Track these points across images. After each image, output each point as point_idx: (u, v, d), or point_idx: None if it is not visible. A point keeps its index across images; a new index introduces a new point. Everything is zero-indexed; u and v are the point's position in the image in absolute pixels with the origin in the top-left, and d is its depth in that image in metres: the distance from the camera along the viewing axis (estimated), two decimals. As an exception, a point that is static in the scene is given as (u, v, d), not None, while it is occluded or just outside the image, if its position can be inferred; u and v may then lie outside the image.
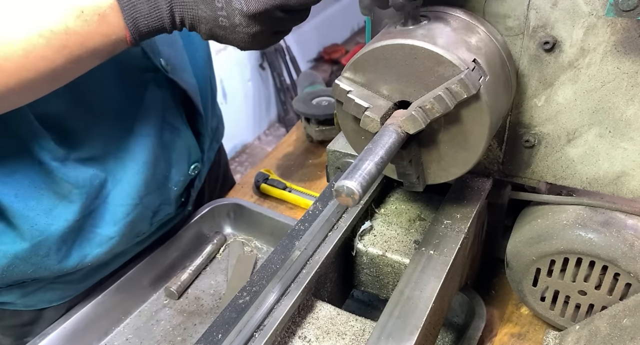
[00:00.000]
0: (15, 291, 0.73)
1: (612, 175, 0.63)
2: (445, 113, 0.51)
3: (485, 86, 0.52)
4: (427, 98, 0.51)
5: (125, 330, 0.80)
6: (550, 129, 0.63)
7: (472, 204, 0.66)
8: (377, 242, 0.68)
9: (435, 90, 0.51)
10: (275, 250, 0.62)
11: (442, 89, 0.50)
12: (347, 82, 0.56)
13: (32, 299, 0.75)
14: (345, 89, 0.55)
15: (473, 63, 0.52)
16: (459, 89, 0.50)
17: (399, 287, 0.56)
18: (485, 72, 0.53)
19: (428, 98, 0.51)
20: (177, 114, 0.78)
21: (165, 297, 0.85)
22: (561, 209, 0.66)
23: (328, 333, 0.58)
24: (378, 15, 0.65)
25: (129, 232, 0.76)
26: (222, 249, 0.93)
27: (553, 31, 0.57)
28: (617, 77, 0.57)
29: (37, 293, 0.74)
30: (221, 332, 0.53)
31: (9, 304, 0.75)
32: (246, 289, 0.58)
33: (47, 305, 0.77)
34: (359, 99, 0.54)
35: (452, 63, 0.50)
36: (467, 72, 0.49)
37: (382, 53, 0.53)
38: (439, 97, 0.50)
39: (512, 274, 0.71)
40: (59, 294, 0.77)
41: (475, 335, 0.68)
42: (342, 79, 0.56)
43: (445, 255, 0.59)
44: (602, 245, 0.62)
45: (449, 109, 0.50)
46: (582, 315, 0.68)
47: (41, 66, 0.51)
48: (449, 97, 0.50)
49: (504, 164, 0.69)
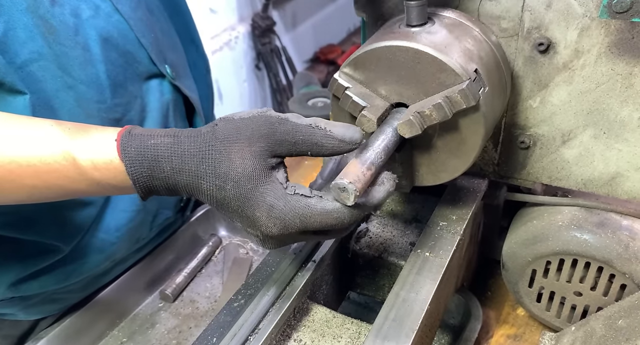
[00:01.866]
0: (18, 303, 0.72)
1: (607, 177, 0.63)
2: (442, 121, 0.51)
3: (484, 97, 0.52)
4: (426, 104, 0.51)
5: (120, 334, 0.79)
6: (545, 130, 0.63)
7: (467, 205, 0.66)
8: (372, 244, 0.68)
9: (435, 96, 0.51)
10: (271, 253, 0.62)
11: (441, 97, 0.50)
12: (345, 78, 0.55)
13: (34, 310, 0.75)
14: (344, 85, 0.55)
15: (475, 73, 0.52)
16: (459, 99, 0.49)
17: (394, 289, 0.55)
18: (485, 83, 0.53)
19: (427, 104, 0.51)
20: (179, 120, 0.77)
21: (161, 300, 0.84)
22: (556, 210, 0.66)
23: (324, 336, 0.58)
24: (373, 15, 0.65)
25: (130, 237, 0.75)
26: (217, 252, 0.93)
27: (547, 33, 0.57)
28: (611, 78, 0.57)
29: (39, 305, 0.74)
30: (216, 336, 0.53)
31: (9, 315, 0.74)
32: (241, 291, 0.57)
33: (47, 314, 0.76)
34: (356, 96, 0.54)
35: (455, 72, 0.50)
36: (468, 83, 0.49)
37: (386, 53, 0.53)
38: (439, 105, 0.50)
39: (508, 275, 0.71)
40: (59, 305, 0.76)
41: (471, 336, 0.68)
42: (341, 74, 0.56)
43: (441, 257, 0.59)
44: (598, 246, 0.62)
45: (447, 117, 0.50)
46: (577, 316, 0.68)
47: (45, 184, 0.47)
48: (448, 105, 0.50)
49: (499, 165, 0.69)
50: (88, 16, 0.62)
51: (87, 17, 0.62)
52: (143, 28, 0.68)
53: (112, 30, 0.64)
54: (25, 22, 0.57)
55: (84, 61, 0.62)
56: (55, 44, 0.59)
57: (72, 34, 0.60)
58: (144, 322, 0.81)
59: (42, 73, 0.58)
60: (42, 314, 0.76)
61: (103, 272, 0.78)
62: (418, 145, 0.57)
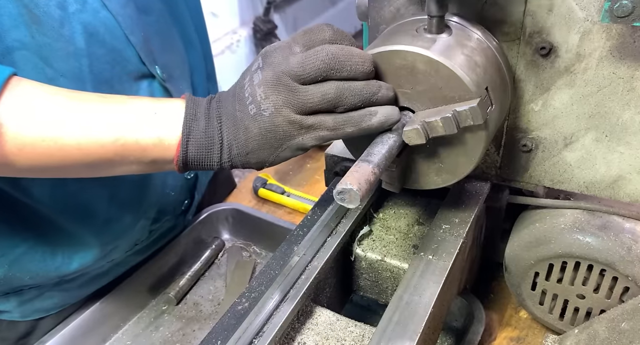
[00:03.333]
0: (12, 299, 0.73)
1: (609, 179, 0.63)
2: (447, 134, 0.51)
3: (490, 116, 0.53)
4: (434, 114, 0.51)
5: (123, 337, 0.80)
6: (548, 133, 0.64)
7: (470, 208, 0.66)
8: (375, 247, 0.68)
9: (443, 108, 0.51)
10: (274, 256, 0.62)
11: (450, 111, 0.50)
12: None
13: (30, 308, 0.75)
14: None
15: (485, 91, 0.52)
16: (468, 117, 0.50)
17: (398, 292, 0.56)
18: (492, 101, 0.53)
19: (435, 115, 0.51)
20: None
21: (164, 303, 0.85)
22: (559, 213, 0.66)
23: (327, 339, 0.58)
24: (375, 20, 0.65)
25: (127, 239, 0.75)
26: (220, 255, 0.93)
27: (549, 37, 0.57)
28: (612, 82, 0.57)
29: (35, 301, 0.74)
30: (220, 339, 0.53)
31: (5, 313, 0.74)
32: (245, 294, 0.58)
33: (44, 314, 0.77)
34: None
35: (469, 89, 0.51)
36: (479, 101, 0.50)
37: (403, 57, 0.52)
38: (448, 119, 0.50)
39: (510, 277, 0.71)
40: (56, 302, 0.76)
41: (474, 339, 0.68)
42: None
43: (444, 260, 0.59)
44: (600, 249, 0.62)
45: (453, 131, 0.50)
46: (580, 319, 0.68)
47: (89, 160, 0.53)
48: (457, 121, 0.50)
49: (501, 169, 0.69)
50: (75, 10, 0.61)
51: (74, 11, 0.61)
52: (132, 26, 0.67)
53: (99, 26, 0.64)
54: (10, 9, 0.56)
55: (67, 54, 0.61)
56: (39, 35, 0.59)
57: (57, 26, 0.60)
58: (148, 325, 0.81)
59: (23, 62, 0.58)
60: (38, 313, 0.76)
61: (101, 272, 0.78)
62: (419, 149, 0.57)
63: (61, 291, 0.75)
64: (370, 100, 0.50)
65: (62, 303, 0.77)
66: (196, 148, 0.52)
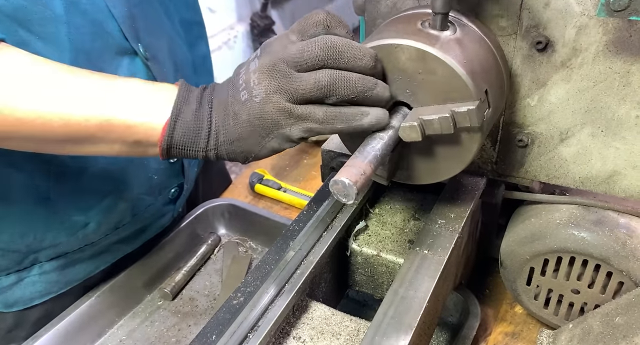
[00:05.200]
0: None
1: (604, 175, 0.63)
2: (444, 134, 0.51)
3: (486, 118, 0.53)
4: (431, 113, 0.51)
5: (119, 332, 0.80)
6: (543, 128, 0.64)
7: (466, 203, 0.66)
8: (371, 242, 0.68)
9: (441, 107, 0.51)
10: (270, 251, 0.62)
11: (448, 111, 0.50)
12: None
13: (11, 297, 0.73)
14: None
15: (484, 94, 0.52)
16: (465, 119, 0.50)
17: (393, 286, 0.56)
18: (490, 104, 0.53)
19: (432, 113, 0.50)
20: None
21: (160, 298, 0.84)
22: (554, 208, 0.67)
23: (322, 333, 0.58)
24: (372, 15, 0.65)
25: (106, 220, 0.74)
26: (216, 250, 0.93)
27: (546, 31, 0.57)
28: (609, 76, 0.57)
29: (15, 289, 0.73)
30: (215, 333, 0.53)
31: None
32: (240, 289, 0.57)
33: (28, 304, 0.76)
34: None
35: (469, 90, 0.51)
36: (478, 104, 0.50)
37: (407, 52, 0.52)
38: (445, 119, 0.50)
39: (506, 273, 0.72)
40: (40, 291, 0.75)
41: (469, 334, 0.69)
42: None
43: (440, 255, 0.59)
44: (595, 244, 0.62)
45: (449, 131, 0.50)
46: (575, 313, 0.69)
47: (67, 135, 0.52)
48: (454, 121, 0.50)
49: (497, 164, 0.69)
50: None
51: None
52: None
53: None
54: None
55: (43, 18, 0.60)
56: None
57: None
58: (143, 320, 0.81)
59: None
60: (22, 303, 0.75)
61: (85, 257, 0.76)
62: (412, 144, 0.57)
63: (41, 275, 0.74)
64: (364, 94, 0.49)
65: (47, 291, 0.75)
66: (183, 131, 0.52)
